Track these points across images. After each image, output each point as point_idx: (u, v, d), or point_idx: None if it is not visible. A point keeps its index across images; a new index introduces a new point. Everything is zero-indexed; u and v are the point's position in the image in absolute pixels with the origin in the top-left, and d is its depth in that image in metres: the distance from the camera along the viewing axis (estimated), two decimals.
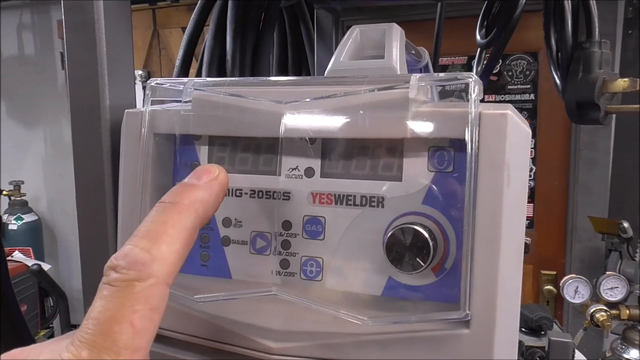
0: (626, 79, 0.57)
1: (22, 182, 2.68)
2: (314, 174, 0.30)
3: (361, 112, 0.27)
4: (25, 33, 2.86)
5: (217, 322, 0.29)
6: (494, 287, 0.25)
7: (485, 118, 0.25)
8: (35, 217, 2.71)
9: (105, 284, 0.20)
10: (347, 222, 0.29)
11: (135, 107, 0.36)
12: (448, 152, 0.27)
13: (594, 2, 0.60)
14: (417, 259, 0.26)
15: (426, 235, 0.26)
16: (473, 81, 0.25)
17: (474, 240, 0.25)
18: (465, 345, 0.25)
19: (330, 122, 0.28)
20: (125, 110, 0.32)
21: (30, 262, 1.98)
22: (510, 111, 0.25)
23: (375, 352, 0.26)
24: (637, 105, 0.62)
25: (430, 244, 0.26)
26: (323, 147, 0.30)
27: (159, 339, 0.31)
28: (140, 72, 2.46)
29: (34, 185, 2.86)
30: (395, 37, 0.37)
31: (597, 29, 0.60)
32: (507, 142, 0.25)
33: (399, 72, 0.33)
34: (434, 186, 0.28)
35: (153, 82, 0.31)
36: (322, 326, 0.27)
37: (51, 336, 2.03)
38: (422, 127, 0.27)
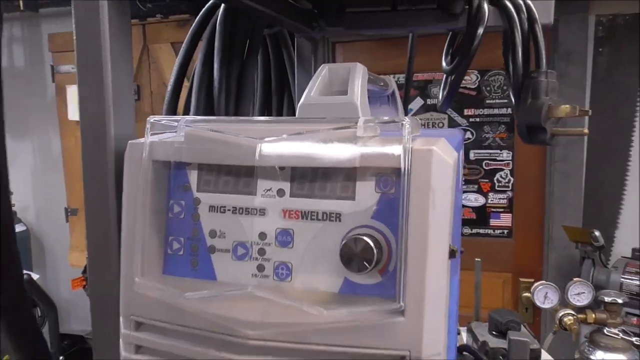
0: (567, 106, 0.65)
1: (12, 193, 2.71)
2: (285, 194, 0.37)
3: (321, 146, 0.34)
4: (15, 45, 2.90)
5: (204, 316, 0.36)
6: (422, 284, 0.32)
7: (416, 153, 0.32)
8: (24, 228, 2.75)
9: None
10: (312, 233, 0.36)
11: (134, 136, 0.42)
12: (391, 177, 0.34)
13: (542, 36, 0.68)
14: (364, 263, 0.33)
15: (371, 244, 0.33)
16: (406, 123, 0.33)
17: (407, 249, 0.32)
18: (401, 330, 0.32)
19: (296, 154, 0.35)
20: (129, 142, 0.39)
21: None
22: (436, 147, 0.32)
23: (330, 337, 0.33)
24: (580, 129, 0.70)
25: (374, 250, 0.33)
26: (292, 173, 0.37)
27: (156, 329, 0.38)
28: None
29: (23, 195, 2.89)
30: (357, 76, 0.44)
31: (544, 60, 0.68)
32: (432, 172, 0.32)
33: (359, 107, 0.41)
34: (380, 204, 0.35)
35: (152, 119, 0.38)
36: (290, 317, 0.34)
37: None
38: (369, 158, 0.34)
